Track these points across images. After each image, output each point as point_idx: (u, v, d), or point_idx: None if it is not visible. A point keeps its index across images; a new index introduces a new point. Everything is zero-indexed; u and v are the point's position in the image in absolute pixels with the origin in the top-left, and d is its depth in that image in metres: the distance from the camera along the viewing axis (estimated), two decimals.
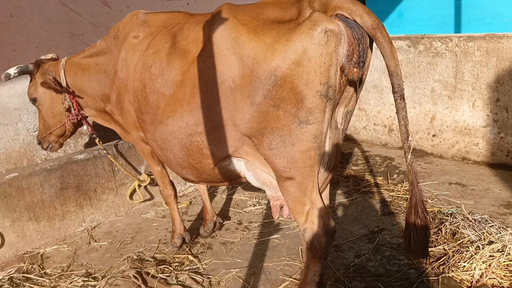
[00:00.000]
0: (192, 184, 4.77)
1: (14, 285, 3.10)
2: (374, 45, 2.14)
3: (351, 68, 1.99)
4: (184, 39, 2.50)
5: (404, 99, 2.10)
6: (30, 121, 4.20)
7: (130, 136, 3.26)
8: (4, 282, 3.12)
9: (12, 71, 3.28)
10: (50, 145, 3.58)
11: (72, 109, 3.37)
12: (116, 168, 4.16)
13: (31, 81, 3.46)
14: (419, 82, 5.02)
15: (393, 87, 2.09)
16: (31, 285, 3.09)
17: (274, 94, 2.06)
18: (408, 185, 4.18)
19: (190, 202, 4.45)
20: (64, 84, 3.31)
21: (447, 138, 4.93)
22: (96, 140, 3.55)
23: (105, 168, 4.10)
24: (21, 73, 3.34)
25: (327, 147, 2.25)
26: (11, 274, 3.23)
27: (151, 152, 3.25)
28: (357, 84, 2.18)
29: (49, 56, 3.63)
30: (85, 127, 3.54)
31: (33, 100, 3.46)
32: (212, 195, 4.52)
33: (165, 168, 3.45)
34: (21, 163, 4.18)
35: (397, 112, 2.14)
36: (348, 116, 2.35)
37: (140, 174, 4.33)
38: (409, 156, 2.14)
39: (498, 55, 4.34)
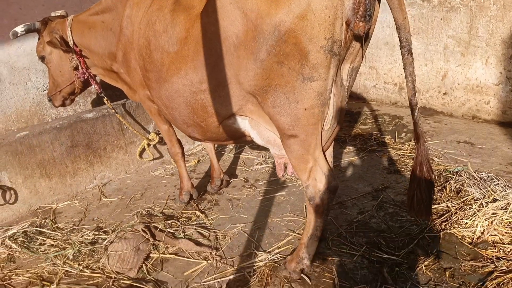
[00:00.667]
0: (199, 142, 4.81)
1: (28, 238, 3.24)
2: None
3: (357, 22, 1.93)
4: None
5: (411, 54, 2.05)
6: (39, 80, 4.22)
7: (137, 94, 3.27)
8: (19, 235, 3.26)
9: (19, 29, 3.28)
10: (62, 103, 3.64)
11: (80, 68, 3.38)
12: (125, 127, 4.20)
13: (39, 39, 3.46)
14: (432, 38, 4.88)
15: (400, 42, 2.04)
16: (44, 238, 3.22)
17: (277, 50, 2.03)
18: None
19: (198, 161, 4.51)
20: (71, 43, 3.30)
21: (458, 96, 4.85)
22: (104, 99, 3.58)
23: (114, 127, 4.14)
24: (28, 31, 3.34)
25: (332, 104, 2.23)
26: (25, 228, 3.37)
27: (157, 111, 3.26)
28: (363, 39, 2.12)
29: (59, 13, 3.61)
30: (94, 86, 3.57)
31: (42, 58, 3.48)
32: (219, 153, 4.57)
33: (172, 126, 3.47)
34: (32, 122, 4.25)
35: (404, 68, 2.11)
36: (353, 73, 2.31)
37: (149, 133, 4.38)
38: (415, 113, 2.12)
39: None
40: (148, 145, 4.18)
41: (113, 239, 3.00)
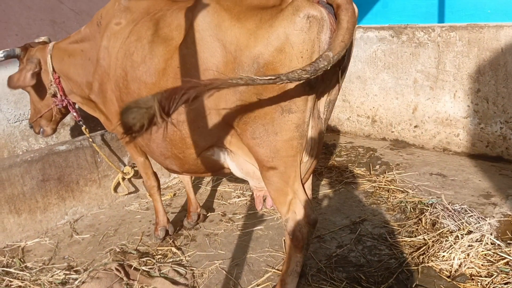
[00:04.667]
0: (176, 175, 4.73)
1: None
2: (357, 34, 2.14)
3: None
4: (167, 26, 2.46)
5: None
6: (10, 112, 4.11)
7: (113, 125, 3.22)
8: None
9: None
10: (42, 129, 3.56)
11: (58, 94, 3.33)
12: (99, 160, 4.10)
13: (20, 65, 3.40)
14: (402, 72, 5.07)
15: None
16: (11, 279, 3.02)
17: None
18: (389, 175, 4.23)
19: (174, 194, 4.42)
20: (50, 69, 3.26)
21: (428, 129, 5.00)
22: (83, 128, 3.51)
23: (87, 160, 4.04)
24: (8, 57, 3.29)
25: (310, 136, 2.25)
26: None
27: (133, 143, 3.21)
28: (339, 73, 2.17)
29: (42, 39, 3.58)
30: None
31: None
32: (196, 186, 4.50)
33: (148, 159, 3.41)
34: (1, 154, 4.10)
35: None
36: (330, 106, 2.35)
37: (124, 165, 4.28)
38: None
39: (480, 45, 4.40)
40: (123, 178, 4.07)
41: (85, 279, 2.86)
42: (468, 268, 2.74)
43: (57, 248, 3.50)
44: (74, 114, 3.46)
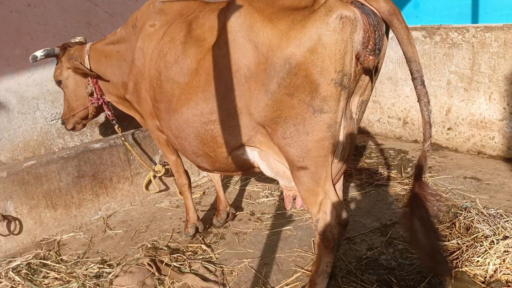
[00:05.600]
0: (205, 174, 4.80)
1: (32, 270, 3.17)
2: (390, 34, 2.12)
3: (367, 55, 1.98)
4: (200, 28, 2.51)
5: (424, 85, 2.01)
6: (48, 110, 4.27)
7: (147, 124, 3.31)
8: (23, 267, 3.19)
9: (39, 53, 3.37)
10: (73, 126, 3.69)
11: (95, 94, 3.44)
12: (132, 158, 4.21)
13: (57, 63, 3.54)
14: (435, 74, 4.95)
15: (412, 74, 2.03)
16: (48, 271, 3.14)
17: (288, 82, 2.06)
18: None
19: (204, 193, 4.48)
20: (87, 69, 3.38)
21: (462, 131, 4.87)
22: (116, 127, 3.61)
23: (120, 158, 4.15)
24: (47, 56, 3.43)
25: (341, 137, 2.24)
26: (29, 259, 3.30)
27: (166, 141, 3.28)
28: (372, 72, 2.16)
29: (78, 39, 3.71)
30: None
31: (58, 83, 3.57)
32: (225, 186, 4.54)
33: (180, 157, 3.48)
34: (38, 151, 4.26)
35: (418, 100, 2.04)
36: (363, 106, 2.33)
37: (155, 163, 4.38)
38: (426, 145, 2.07)
39: None
40: (154, 176, 4.17)
41: (118, 273, 2.94)
42: (504, 274, 2.65)
43: (91, 242, 3.62)
44: (108, 113, 3.56)
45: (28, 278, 3.06)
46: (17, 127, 4.08)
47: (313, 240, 3.31)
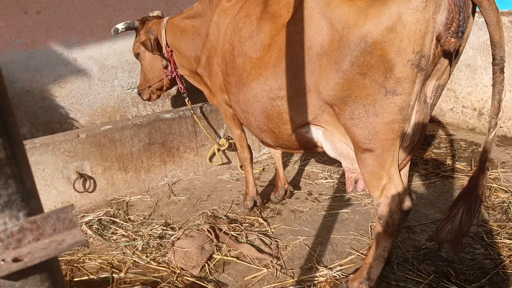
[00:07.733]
0: (266, 151, 4.87)
1: (102, 226, 3.45)
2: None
3: (449, 37, 1.88)
4: (276, 3, 2.52)
5: (503, 72, 1.94)
6: (125, 79, 4.53)
7: (215, 98, 3.40)
8: (94, 222, 3.48)
9: (120, 26, 3.59)
10: (149, 96, 3.92)
11: (169, 67, 3.60)
12: (198, 130, 4.37)
13: (136, 36, 3.74)
14: None
15: (494, 59, 1.94)
16: (117, 228, 3.40)
17: (362, 61, 2.02)
18: (492, 173, 3.90)
19: (263, 169, 4.56)
20: (164, 43, 3.52)
21: None
22: (186, 100, 3.76)
23: (188, 129, 4.32)
24: (128, 28, 3.64)
25: (413, 121, 2.16)
26: (100, 216, 3.60)
27: (233, 115, 3.36)
28: (453, 56, 2.05)
29: (155, 13, 3.89)
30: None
31: (137, 55, 3.77)
32: (284, 164, 4.58)
33: (244, 132, 3.55)
34: (114, 117, 4.55)
35: (493, 85, 1.99)
36: (439, 91, 2.23)
37: (219, 137, 4.51)
38: (492, 134, 2.00)
39: None
40: (218, 150, 4.30)
41: (180, 236, 3.11)
42: None
43: (157, 205, 3.85)
44: (181, 86, 3.71)
45: (99, 232, 3.34)
46: (96, 93, 4.38)
47: (370, 226, 3.27)
